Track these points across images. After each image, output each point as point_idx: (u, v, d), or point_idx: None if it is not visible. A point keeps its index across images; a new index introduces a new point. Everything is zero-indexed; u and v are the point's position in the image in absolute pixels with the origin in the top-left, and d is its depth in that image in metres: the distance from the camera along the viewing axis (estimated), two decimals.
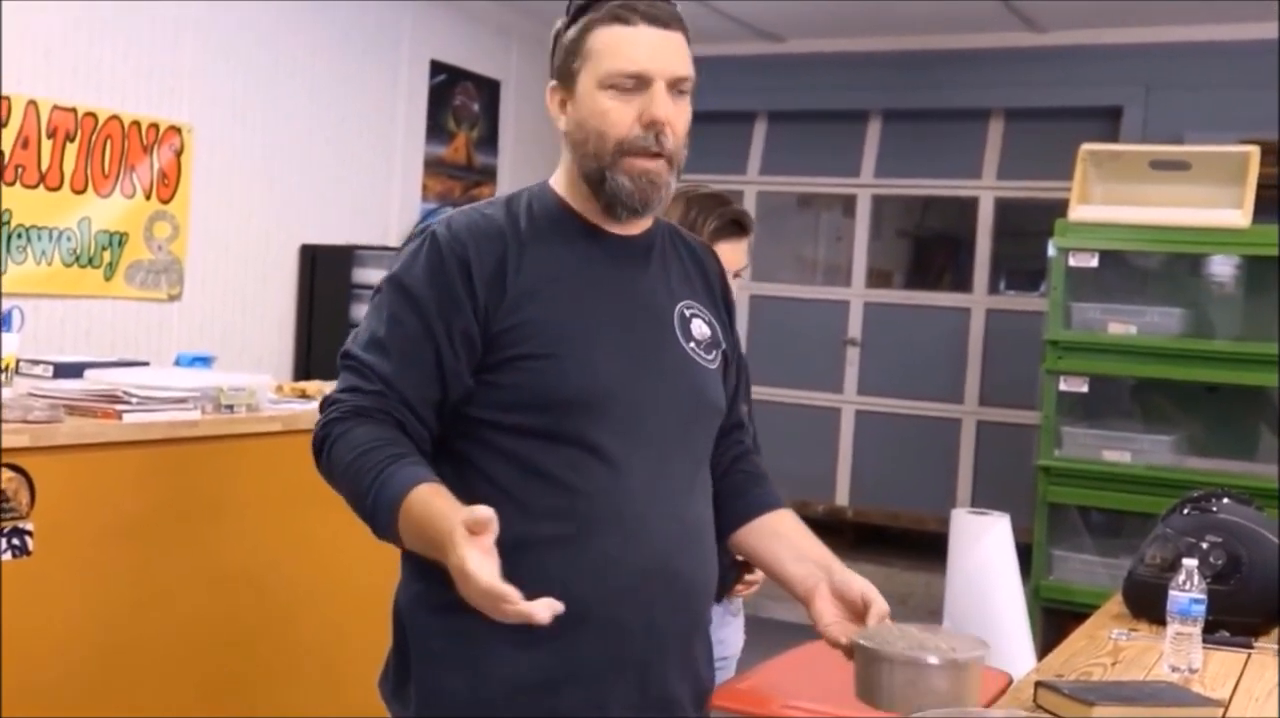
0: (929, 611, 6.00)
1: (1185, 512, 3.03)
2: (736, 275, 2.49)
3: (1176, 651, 2.42)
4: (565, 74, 1.81)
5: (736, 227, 2.54)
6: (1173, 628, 2.43)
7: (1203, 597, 2.43)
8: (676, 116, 1.78)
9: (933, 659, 1.69)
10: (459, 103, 6.97)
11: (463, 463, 1.77)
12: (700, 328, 1.90)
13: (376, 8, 6.35)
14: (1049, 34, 6.73)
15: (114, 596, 2.89)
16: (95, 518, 2.85)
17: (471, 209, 1.85)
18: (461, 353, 1.75)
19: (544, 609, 1.50)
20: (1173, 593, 2.44)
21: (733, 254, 2.49)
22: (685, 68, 1.79)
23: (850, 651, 1.74)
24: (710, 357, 1.90)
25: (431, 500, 1.62)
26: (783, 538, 1.93)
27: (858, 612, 1.79)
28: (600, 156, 1.78)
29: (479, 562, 1.49)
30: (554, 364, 1.74)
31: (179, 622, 3.02)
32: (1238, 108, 6.10)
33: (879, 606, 1.79)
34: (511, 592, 1.49)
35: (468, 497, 1.61)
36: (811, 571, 1.85)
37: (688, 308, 1.90)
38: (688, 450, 1.86)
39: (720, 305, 2.00)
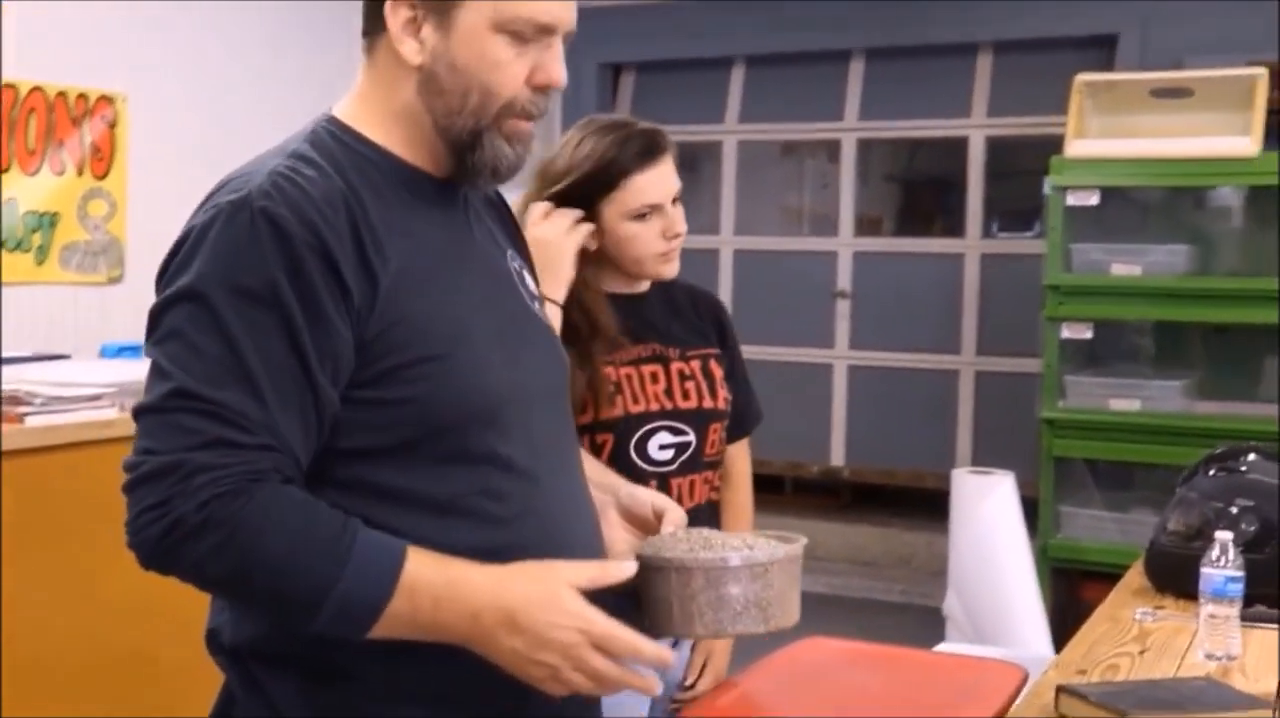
0: (932, 572, 5.79)
1: (1210, 472, 2.77)
2: (676, 202, 2.17)
3: (1212, 636, 2.17)
4: None
5: (650, 151, 2.14)
6: (1206, 610, 2.18)
7: (1240, 573, 2.18)
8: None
9: (707, 557, 1.39)
10: None
11: None
12: (529, 281, 1.59)
13: None
14: None
15: (12, 615, 2.63)
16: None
17: (287, 169, 1.36)
18: (339, 378, 1.34)
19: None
20: (1205, 571, 2.19)
21: (660, 181, 2.14)
22: (575, 16, 1.47)
23: (638, 575, 1.42)
24: (545, 313, 1.61)
25: (448, 568, 1.31)
26: None
27: (653, 529, 1.53)
28: (480, 114, 1.42)
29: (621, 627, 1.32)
30: (445, 368, 1.38)
31: (85, 644, 2.76)
32: (1239, 29, 5.81)
33: (674, 512, 1.52)
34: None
35: None
36: (595, 496, 1.56)
37: (513, 260, 1.58)
38: (569, 431, 1.58)
39: (522, 244, 1.68)
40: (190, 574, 1.31)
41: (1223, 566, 2.17)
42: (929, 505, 6.37)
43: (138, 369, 3.07)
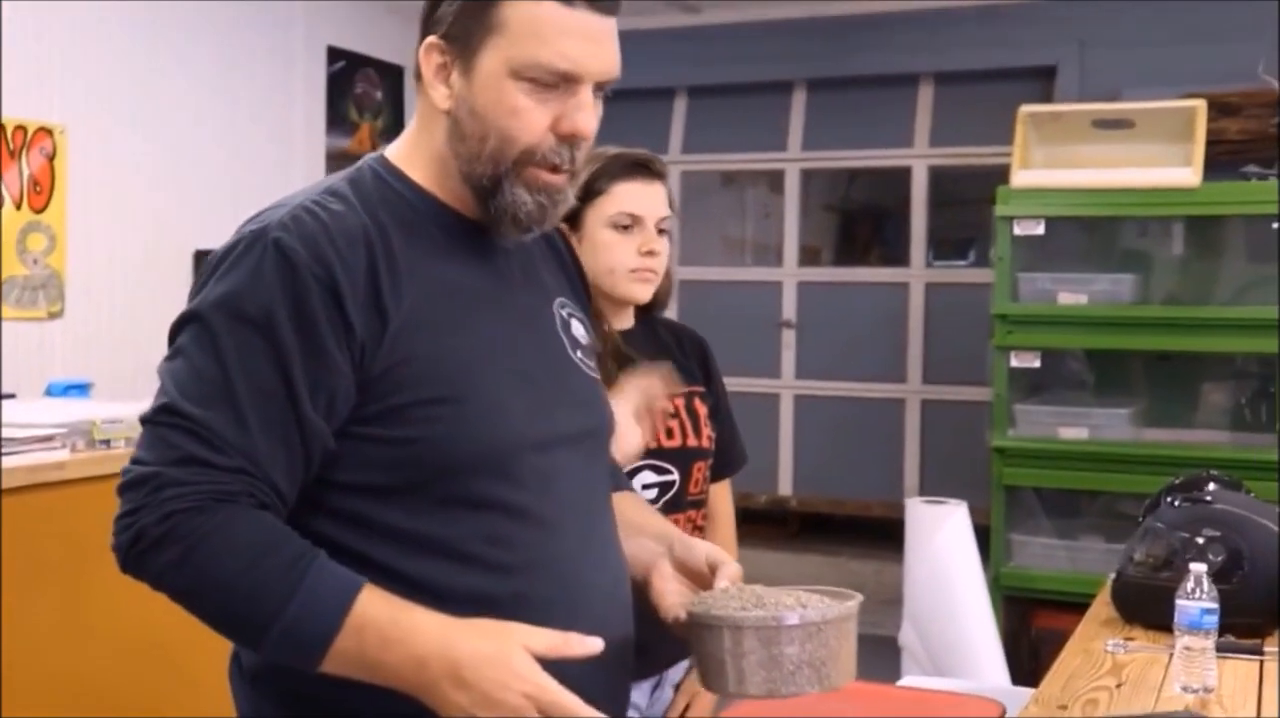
0: (882, 601, 5.78)
1: (1174, 502, 2.77)
2: (662, 230, 2.14)
3: (1189, 668, 2.16)
4: (461, 38, 1.40)
5: (641, 167, 2.15)
6: (1182, 642, 2.17)
7: (1215, 605, 2.17)
8: (595, 125, 1.43)
9: (758, 615, 1.33)
10: (360, 91, 6.62)
11: (326, 548, 1.32)
12: (579, 330, 1.57)
13: None
14: None
15: None
16: None
17: (312, 203, 1.39)
18: (333, 412, 1.34)
19: None
20: (1180, 603, 2.19)
21: (645, 197, 2.12)
22: (615, 65, 1.43)
23: (688, 630, 1.39)
24: (592, 363, 1.58)
25: (401, 610, 1.28)
26: (623, 519, 1.59)
27: (706, 582, 1.46)
28: (499, 161, 1.41)
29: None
30: (455, 411, 1.36)
31: (51, 687, 2.68)
32: (1175, 62, 5.92)
33: (729, 567, 1.45)
34: None
35: None
36: (647, 546, 1.53)
37: (563, 307, 1.56)
38: (599, 484, 1.53)
39: (583, 294, 1.67)
40: (154, 584, 1.32)
41: (1198, 597, 2.16)
42: (877, 534, 6.39)
43: (86, 409, 3.02)
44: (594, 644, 1.29)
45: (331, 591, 1.27)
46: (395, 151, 1.49)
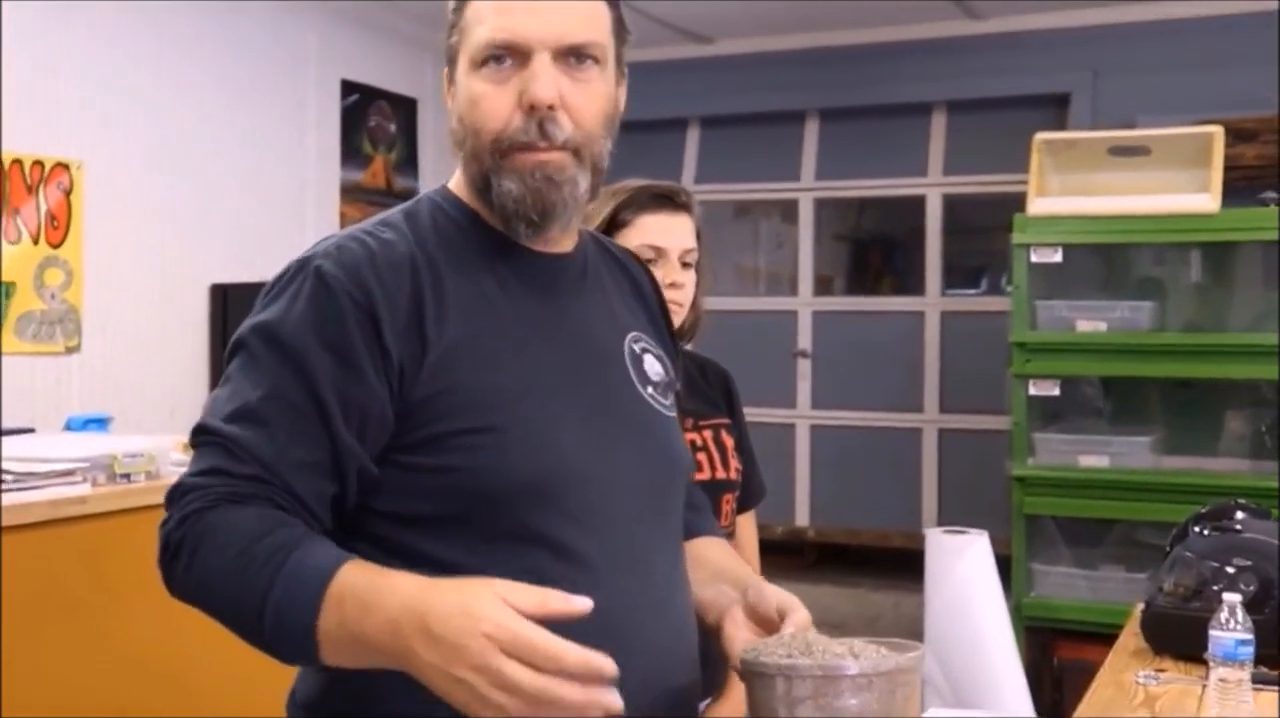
0: (900, 633, 5.74)
1: (1203, 531, 2.74)
2: (686, 264, 2.13)
3: (1224, 700, 2.12)
4: (449, 58, 1.43)
5: (665, 199, 2.14)
6: (1217, 674, 2.14)
7: (1250, 636, 2.14)
8: (575, 93, 1.38)
9: (805, 664, 1.25)
10: (374, 124, 6.64)
11: None
12: (654, 366, 1.52)
13: (277, 27, 6.01)
14: (988, 21, 6.52)
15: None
16: None
17: (362, 232, 1.40)
18: (367, 433, 1.33)
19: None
20: (1215, 634, 2.15)
21: (669, 230, 2.11)
22: (582, 30, 1.38)
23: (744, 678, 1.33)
24: (668, 402, 1.52)
25: (382, 576, 1.20)
26: (703, 563, 1.54)
27: (775, 629, 1.39)
28: (480, 157, 1.39)
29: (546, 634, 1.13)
30: (498, 440, 1.33)
31: None
32: (1190, 89, 5.92)
33: (798, 614, 1.38)
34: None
35: None
36: (723, 592, 1.47)
37: (636, 341, 1.52)
38: (663, 526, 1.48)
39: (663, 328, 1.62)
40: (177, 595, 1.32)
41: (1232, 628, 2.13)
42: (895, 565, 6.34)
43: (107, 443, 3.01)
44: (581, 604, 1.17)
45: (311, 570, 1.22)
46: (455, 178, 1.49)
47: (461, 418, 1.33)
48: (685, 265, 2.13)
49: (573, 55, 1.38)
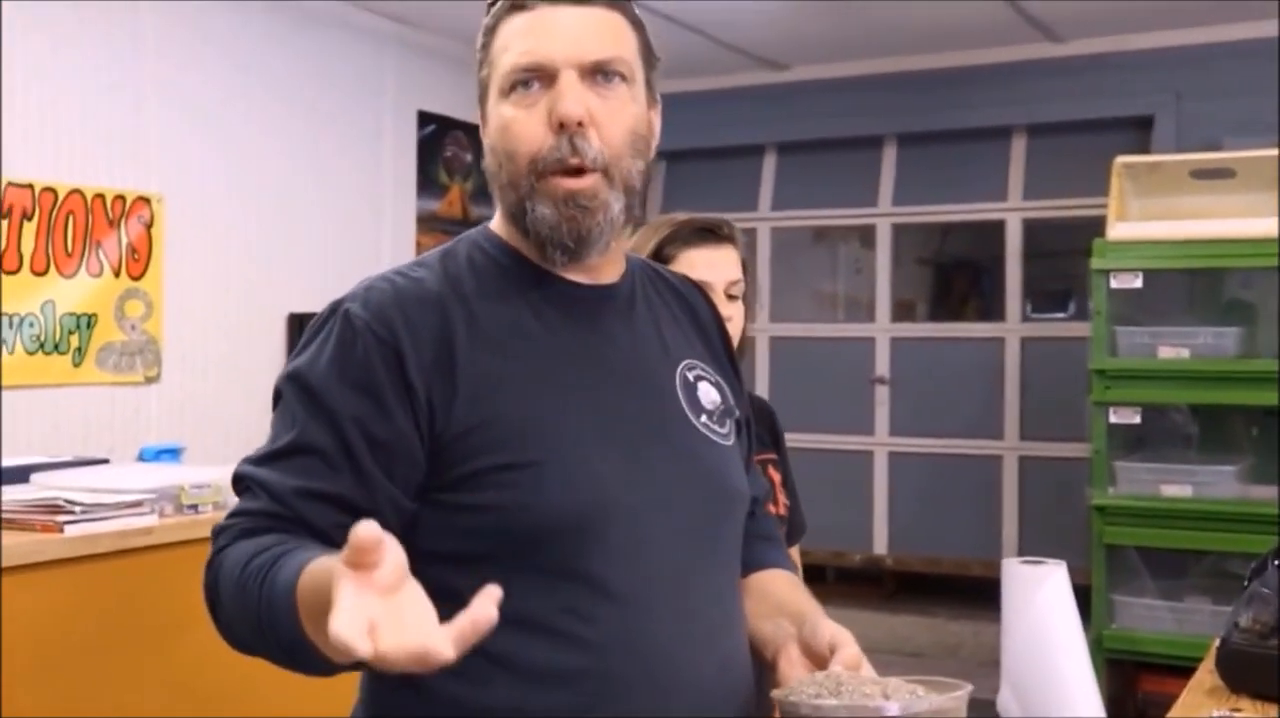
0: (980, 662, 5.66)
1: None
2: (732, 296, 2.12)
3: None
4: (481, 92, 1.45)
5: (708, 233, 2.12)
6: None
7: None
8: (602, 110, 1.37)
9: (837, 704, 1.21)
10: (450, 154, 6.68)
11: None
12: (709, 393, 1.49)
13: (355, 59, 6.07)
14: (1069, 44, 6.43)
15: None
16: (40, 647, 2.52)
17: (395, 272, 1.42)
18: (395, 468, 1.32)
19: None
20: None
21: (713, 263, 2.09)
22: (606, 47, 1.38)
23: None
24: (724, 430, 1.49)
25: (320, 568, 1.13)
26: (766, 596, 1.51)
27: (825, 666, 1.36)
28: (516, 184, 1.38)
29: (350, 599, 0.99)
30: (535, 475, 1.31)
31: None
32: (1274, 110, 5.77)
33: (846, 651, 1.34)
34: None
35: None
36: (782, 627, 1.43)
37: (690, 369, 1.49)
38: (714, 560, 1.44)
39: (722, 356, 1.59)
40: (218, 626, 1.32)
41: None
42: (975, 594, 6.25)
43: (176, 474, 3.04)
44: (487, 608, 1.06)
45: (282, 585, 1.19)
46: (494, 219, 1.49)
47: (498, 453, 1.32)
48: (731, 298, 2.11)
49: (599, 73, 1.38)
